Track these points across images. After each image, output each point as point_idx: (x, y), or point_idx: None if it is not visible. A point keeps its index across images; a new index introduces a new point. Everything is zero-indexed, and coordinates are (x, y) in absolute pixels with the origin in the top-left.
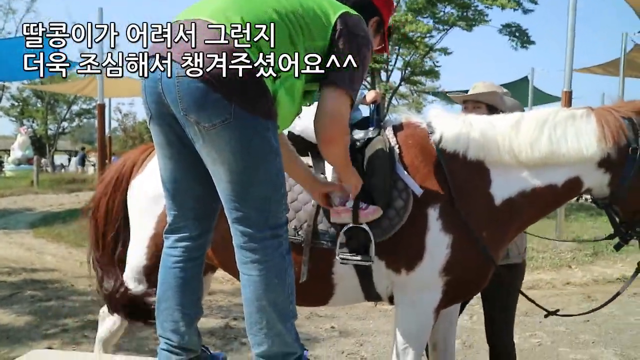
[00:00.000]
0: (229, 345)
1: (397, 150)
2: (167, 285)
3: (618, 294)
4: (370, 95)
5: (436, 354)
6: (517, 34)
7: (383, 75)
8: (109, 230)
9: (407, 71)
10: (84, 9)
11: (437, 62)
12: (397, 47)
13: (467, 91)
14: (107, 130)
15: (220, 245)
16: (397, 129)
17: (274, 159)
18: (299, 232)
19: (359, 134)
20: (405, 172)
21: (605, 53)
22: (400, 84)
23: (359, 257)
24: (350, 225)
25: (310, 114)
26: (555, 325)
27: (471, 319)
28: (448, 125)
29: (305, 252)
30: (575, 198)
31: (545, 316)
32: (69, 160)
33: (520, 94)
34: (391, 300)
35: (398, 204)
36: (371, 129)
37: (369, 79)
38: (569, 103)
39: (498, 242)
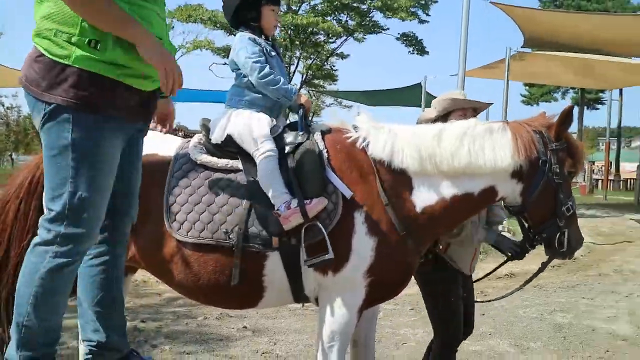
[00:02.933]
0: (139, 348)
1: (325, 155)
2: (83, 286)
3: (527, 282)
4: (302, 97)
5: (357, 350)
6: (413, 43)
7: None
8: (18, 236)
9: (308, 74)
10: None
11: (334, 66)
12: (297, 51)
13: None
14: None
15: (147, 249)
16: (325, 133)
17: (64, 152)
18: (230, 236)
19: (288, 138)
20: (334, 176)
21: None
22: (301, 87)
23: (324, 256)
24: (306, 224)
25: (241, 117)
26: None
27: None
28: (374, 134)
29: (236, 255)
30: None
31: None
32: None
33: (414, 98)
34: (318, 301)
35: (328, 207)
36: (300, 133)
37: None
38: None
39: (417, 247)
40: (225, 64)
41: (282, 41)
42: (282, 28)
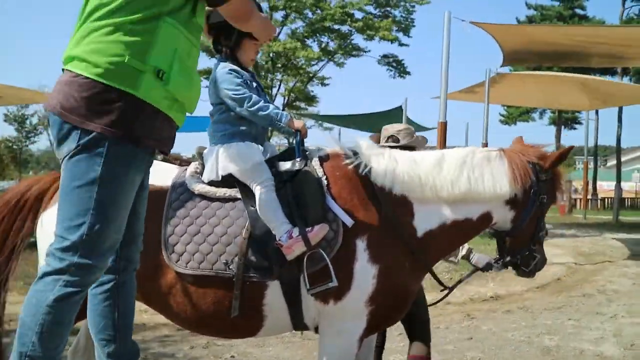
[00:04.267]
0: None
1: (324, 182)
2: (90, 317)
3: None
4: (298, 122)
5: None
6: (394, 64)
7: None
8: None
9: (290, 97)
10: None
11: (313, 91)
12: (279, 74)
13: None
14: None
15: (144, 280)
16: (323, 159)
17: (90, 184)
18: (230, 266)
19: (285, 165)
20: (335, 203)
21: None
22: (282, 110)
23: (327, 283)
24: (308, 253)
25: (229, 152)
26: (443, 344)
27: None
28: (375, 160)
29: (236, 286)
30: None
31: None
32: None
33: (395, 122)
34: (317, 329)
35: (329, 235)
36: (297, 159)
37: None
38: (444, 132)
39: (419, 272)
40: (206, 86)
41: (263, 64)
42: (263, 52)
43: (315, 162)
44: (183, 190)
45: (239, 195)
